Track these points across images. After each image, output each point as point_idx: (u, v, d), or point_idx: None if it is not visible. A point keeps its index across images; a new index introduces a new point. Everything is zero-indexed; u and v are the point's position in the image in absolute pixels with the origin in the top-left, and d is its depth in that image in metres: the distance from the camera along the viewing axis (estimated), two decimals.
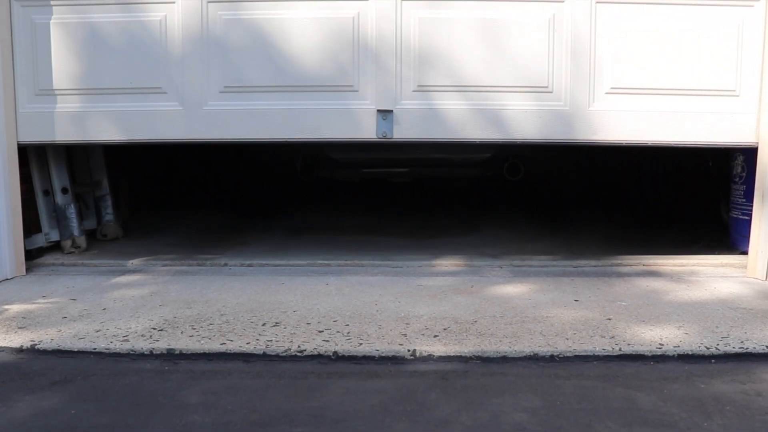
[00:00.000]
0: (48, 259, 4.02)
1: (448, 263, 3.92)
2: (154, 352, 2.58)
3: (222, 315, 2.97)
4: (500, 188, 6.55)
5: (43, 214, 4.12)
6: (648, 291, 3.36)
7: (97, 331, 2.76)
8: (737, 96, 3.62)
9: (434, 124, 3.65)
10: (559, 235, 4.77)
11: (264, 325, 2.84)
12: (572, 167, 4.93)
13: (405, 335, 2.70)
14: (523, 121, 3.63)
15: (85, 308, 3.08)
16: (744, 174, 3.99)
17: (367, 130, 3.66)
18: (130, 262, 3.96)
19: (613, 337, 2.67)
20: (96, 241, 4.49)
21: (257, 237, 4.70)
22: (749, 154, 3.88)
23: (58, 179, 4.14)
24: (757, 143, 3.62)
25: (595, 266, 3.87)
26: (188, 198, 6.80)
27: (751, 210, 3.75)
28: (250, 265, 3.90)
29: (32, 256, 3.97)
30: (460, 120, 3.64)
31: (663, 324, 2.83)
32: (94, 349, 2.60)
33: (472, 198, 6.56)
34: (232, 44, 3.64)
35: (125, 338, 2.68)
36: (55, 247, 4.17)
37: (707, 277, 3.64)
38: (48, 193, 4.14)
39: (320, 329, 2.78)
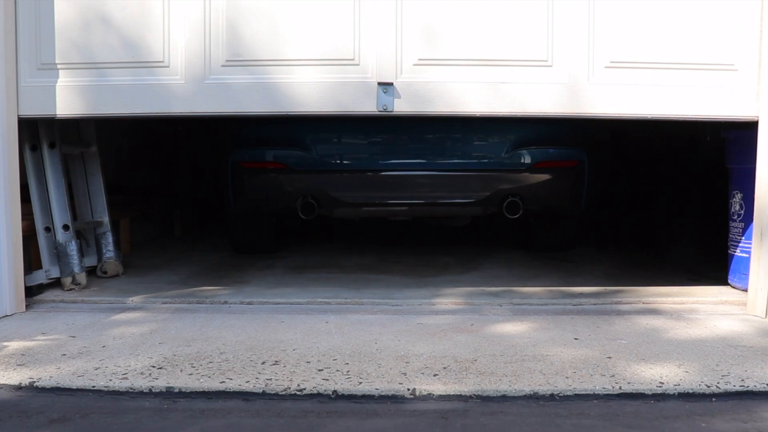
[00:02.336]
0: (48, 295, 4.02)
1: (448, 302, 3.92)
2: (153, 390, 2.57)
3: (221, 353, 2.97)
4: (500, 226, 6.58)
5: (44, 251, 4.14)
6: (648, 329, 3.35)
7: (97, 369, 2.75)
8: (736, 70, 3.65)
9: (435, 97, 3.66)
10: (559, 272, 4.77)
11: (263, 363, 2.83)
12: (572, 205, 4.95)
13: (405, 374, 2.70)
14: (524, 94, 3.66)
15: (85, 345, 3.08)
16: (742, 212, 4.01)
17: (368, 104, 3.67)
18: (131, 299, 3.96)
19: (613, 376, 2.66)
20: (96, 278, 4.49)
21: (258, 275, 4.70)
22: (747, 191, 3.90)
23: (60, 216, 4.15)
24: (757, 117, 3.63)
25: (594, 304, 3.87)
26: (190, 234, 6.82)
27: (750, 247, 3.76)
28: (250, 303, 3.90)
29: (32, 292, 3.98)
30: (460, 93, 3.65)
31: (663, 362, 2.83)
32: (93, 386, 2.60)
33: (472, 236, 6.58)
34: (233, 19, 3.68)
35: (124, 376, 2.68)
36: (56, 283, 4.17)
37: (707, 315, 3.64)
38: (49, 230, 4.15)
39: (320, 368, 2.77)
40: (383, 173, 4.63)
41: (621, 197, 9.19)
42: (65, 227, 4.17)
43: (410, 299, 3.95)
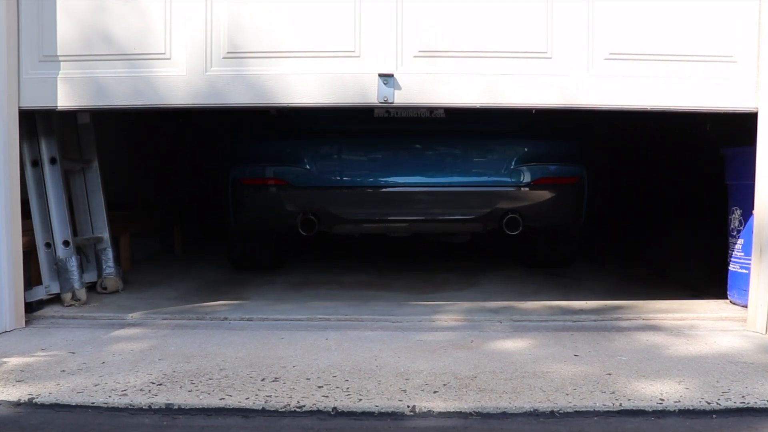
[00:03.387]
0: (48, 311, 4.02)
1: (447, 318, 3.92)
2: (153, 407, 2.57)
3: (221, 369, 2.96)
4: (500, 242, 6.58)
5: (44, 267, 4.14)
6: (648, 345, 3.35)
7: (96, 385, 2.75)
8: (735, 62, 3.67)
9: (435, 89, 3.68)
10: (559, 288, 4.77)
11: (263, 380, 2.83)
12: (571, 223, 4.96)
13: (404, 391, 2.69)
14: (524, 86, 3.68)
15: (84, 362, 3.07)
16: (741, 228, 4.02)
17: (369, 95, 3.68)
18: (130, 315, 3.96)
19: (613, 393, 2.66)
20: (96, 293, 4.49)
21: (257, 291, 4.70)
22: (746, 208, 3.91)
23: (60, 232, 4.16)
24: (757, 108, 3.65)
25: (594, 320, 3.87)
26: (190, 250, 6.82)
27: (750, 264, 3.76)
28: (249, 319, 3.90)
29: (32, 308, 3.97)
30: (460, 85, 3.67)
31: (663, 379, 2.82)
32: (93, 403, 2.59)
33: (472, 252, 6.58)
34: (234, 12, 3.71)
35: (124, 392, 2.67)
36: (55, 299, 4.17)
37: (707, 331, 3.63)
38: (49, 245, 4.15)
39: (320, 384, 2.77)
40: (383, 189, 4.64)
41: (621, 212, 9.20)
42: (66, 243, 4.17)
43: (410, 316, 3.95)
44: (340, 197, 4.63)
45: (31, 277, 4.15)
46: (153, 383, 2.78)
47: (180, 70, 3.73)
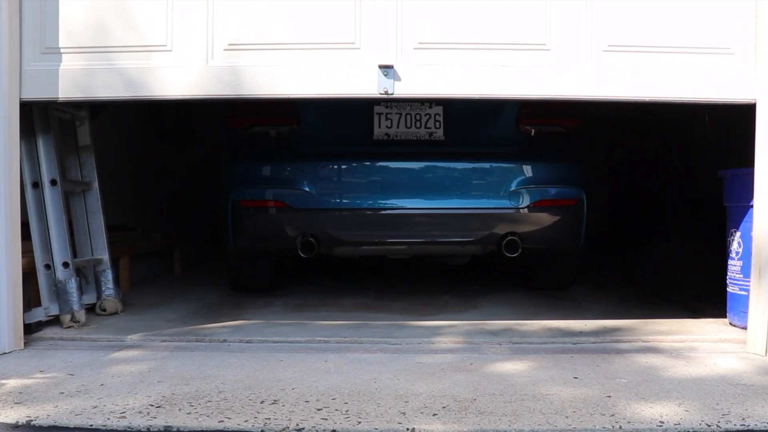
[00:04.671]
0: (47, 332, 4.02)
1: (447, 340, 3.91)
2: (152, 430, 2.56)
3: (220, 392, 2.96)
4: (500, 264, 6.58)
5: (43, 288, 4.13)
6: (647, 367, 3.35)
7: (95, 407, 2.74)
8: (732, 54, 3.70)
9: (434, 80, 3.70)
10: (558, 310, 4.77)
11: (262, 402, 2.82)
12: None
13: (404, 413, 2.69)
14: (522, 77, 3.71)
15: (83, 383, 3.07)
16: (740, 250, 4.03)
17: (369, 87, 3.70)
18: (129, 337, 3.95)
19: (613, 415, 2.65)
20: (95, 315, 4.49)
21: (257, 313, 4.70)
22: (745, 230, 3.92)
23: (60, 253, 4.16)
24: (755, 100, 3.67)
25: (594, 342, 3.86)
26: (190, 272, 6.82)
27: (749, 285, 3.77)
28: (249, 341, 3.89)
29: (31, 329, 3.97)
30: (460, 76, 3.70)
31: (663, 401, 2.82)
32: (91, 425, 2.58)
33: (471, 274, 6.58)
34: (235, 4, 3.74)
35: (122, 415, 2.67)
36: (54, 320, 4.16)
37: (706, 353, 3.63)
38: (49, 267, 4.16)
39: (319, 407, 2.76)
40: (383, 212, 4.65)
41: (620, 232, 9.22)
42: (65, 264, 4.17)
43: (409, 338, 3.94)
44: (340, 219, 4.64)
45: (31, 298, 4.14)
46: (152, 405, 2.77)
47: (181, 62, 3.75)
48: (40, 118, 4.11)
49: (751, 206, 3.76)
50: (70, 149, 4.59)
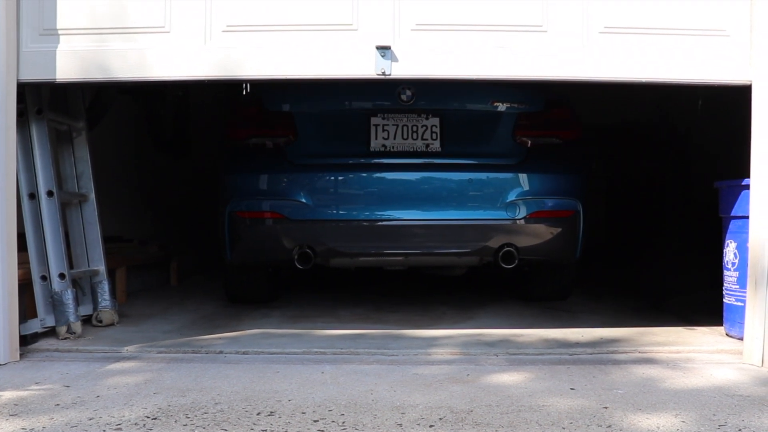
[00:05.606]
0: (43, 344, 4.01)
1: (443, 352, 3.91)
2: None
3: (217, 403, 2.95)
4: (496, 275, 6.58)
5: (39, 300, 4.12)
6: (644, 378, 3.35)
7: (90, 419, 2.73)
8: (728, 36, 3.74)
9: (431, 61, 3.73)
10: (555, 321, 4.77)
11: (259, 414, 2.82)
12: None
13: (400, 425, 2.68)
14: (520, 59, 3.74)
15: (79, 395, 3.06)
16: (736, 261, 4.03)
17: (366, 68, 3.73)
18: (126, 348, 3.95)
19: (609, 426, 2.65)
20: (91, 326, 4.48)
21: (253, 324, 4.69)
22: (740, 241, 3.92)
23: (56, 265, 4.15)
24: (750, 81, 3.70)
25: (590, 354, 3.86)
26: (186, 283, 6.81)
27: (745, 296, 3.77)
28: (245, 353, 3.89)
29: (27, 341, 3.96)
30: (456, 58, 3.73)
31: (660, 412, 2.82)
32: None
33: (468, 285, 6.58)
34: None
35: (118, 427, 2.66)
36: (51, 332, 4.15)
37: (703, 364, 3.63)
38: (45, 278, 4.15)
39: (315, 419, 2.76)
40: (379, 223, 4.65)
41: (617, 242, 9.23)
42: (61, 276, 4.17)
43: (406, 349, 3.94)
44: (337, 231, 4.64)
45: (27, 309, 4.14)
46: (148, 417, 2.76)
47: (179, 44, 3.78)
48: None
49: (747, 217, 3.77)
50: (67, 160, 4.60)
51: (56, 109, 4.45)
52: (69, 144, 4.61)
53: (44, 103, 4.16)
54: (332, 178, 4.67)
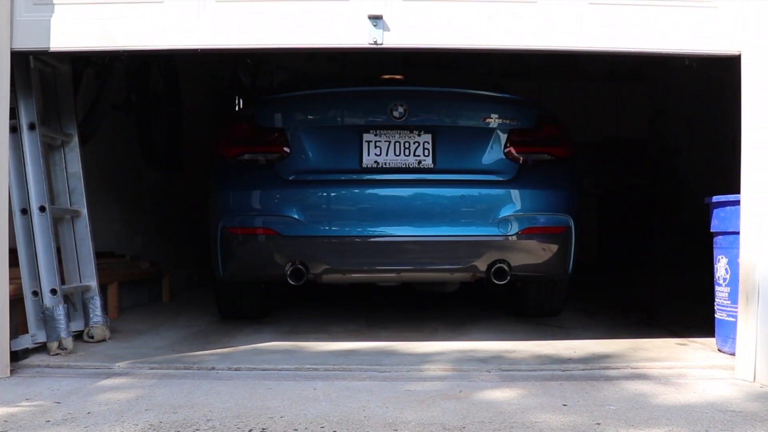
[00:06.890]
0: (34, 360, 3.99)
1: (436, 368, 3.91)
2: None
3: (208, 420, 2.94)
4: (489, 291, 6.58)
5: (30, 315, 4.10)
6: (636, 394, 3.35)
7: None
8: (715, 7, 3.78)
9: (423, 31, 3.76)
10: (547, 337, 4.77)
11: (251, 431, 2.81)
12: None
13: None
14: (511, 29, 3.78)
15: (70, 412, 3.04)
16: (728, 276, 4.05)
17: (358, 37, 3.75)
18: (117, 364, 3.93)
19: None
20: (83, 342, 4.46)
21: (245, 340, 4.68)
22: (731, 256, 3.94)
23: (48, 280, 4.14)
24: (739, 52, 3.74)
25: (583, 369, 3.87)
26: (178, 299, 6.79)
27: (737, 312, 3.78)
28: (237, 369, 3.87)
29: (18, 357, 3.94)
30: (448, 28, 3.76)
31: (652, 428, 2.82)
32: None
33: (460, 301, 6.57)
34: None
35: None
36: (42, 348, 4.13)
37: (695, 380, 3.64)
38: (37, 294, 4.13)
39: None
40: (372, 239, 4.65)
41: (609, 258, 9.26)
42: (53, 291, 4.15)
43: (398, 365, 3.94)
44: (329, 247, 4.64)
45: (18, 325, 4.12)
46: None
47: (172, 14, 3.79)
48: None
49: (738, 233, 3.79)
50: (59, 175, 4.59)
51: (49, 123, 4.45)
52: (61, 159, 4.60)
53: (36, 117, 4.16)
54: (324, 194, 4.68)
